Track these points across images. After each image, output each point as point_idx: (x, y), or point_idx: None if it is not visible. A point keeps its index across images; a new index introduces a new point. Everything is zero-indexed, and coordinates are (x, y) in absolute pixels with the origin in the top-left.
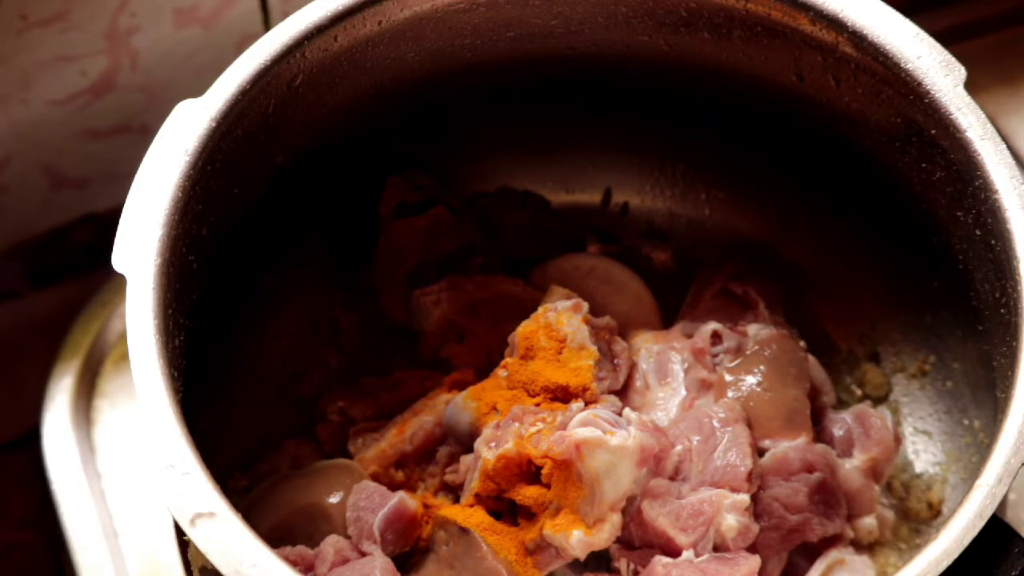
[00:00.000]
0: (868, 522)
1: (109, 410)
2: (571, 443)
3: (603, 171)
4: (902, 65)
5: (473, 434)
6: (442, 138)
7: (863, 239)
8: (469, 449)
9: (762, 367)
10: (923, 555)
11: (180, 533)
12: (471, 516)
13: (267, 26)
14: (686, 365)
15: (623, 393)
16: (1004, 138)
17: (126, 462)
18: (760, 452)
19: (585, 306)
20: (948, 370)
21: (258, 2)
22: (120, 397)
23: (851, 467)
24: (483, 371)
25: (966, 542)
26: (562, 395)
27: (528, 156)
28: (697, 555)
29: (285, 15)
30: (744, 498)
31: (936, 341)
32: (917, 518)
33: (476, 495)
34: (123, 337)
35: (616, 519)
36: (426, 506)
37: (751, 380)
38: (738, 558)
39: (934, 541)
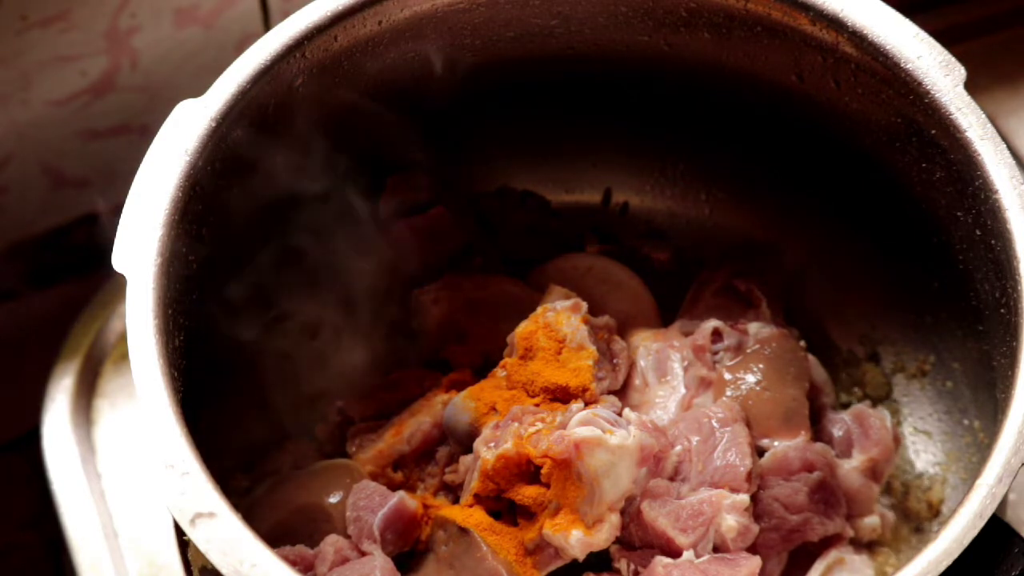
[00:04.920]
0: (871, 520)
1: (109, 410)
2: (570, 442)
3: (603, 171)
4: (902, 65)
5: (472, 434)
6: (442, 138)
7: (863, 239)
8: (468, 449)
9: (761, 366)
10: (923, 555)
11: (180, 533)
12: (471, 516)
13: (267, 26)
14: (685, 363)
15: (622, 391)
16: (1004, 138)
17: (126, 462)
18: (759, 451)
19: (584, 306)
20: (948, 370)
21: (258, 2)
22: (120, 397)
23: (850, 467)
24: (481, 371)
25: (966, 542)
26: (561, 395)
27: (528, 156)
28: (697, 555)
29: (285, 15)
30: (744, 498)
31: (936, 341)
32: (917, 518)
33: (475, 495)
34: (123, 337)
35: (615, 519)
36: (426, 506)
37: (750, 379)
38: (739, 559)
39: (934, 541)
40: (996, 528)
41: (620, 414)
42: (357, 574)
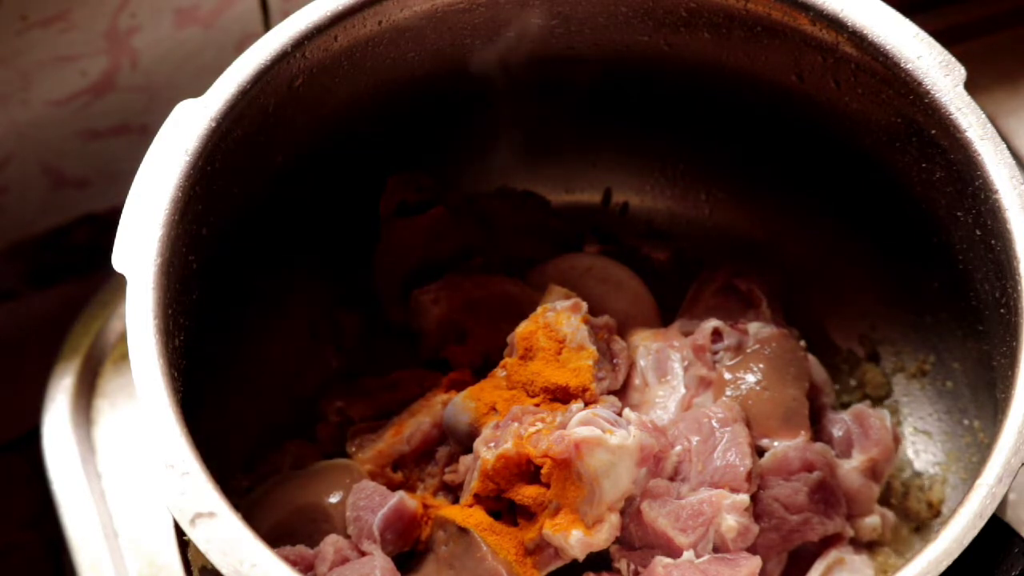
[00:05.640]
0: (871, 520)
1: (109, 410)
2: (570, 442)
3: (603, 171)
4: (902, 65)
5: (472, 434)
6: (442, 138)
7: (863, 239)
8: (468, 449)
9: (761, 365)
10: (923, 555)
11: (180, 533)
12: (470, 516)
13: (267, 26)
14: (686, 363)
15: (622, 391)
16: (1004, 138)
17: (126, 462)
18: (759, 451)
19: (584, 306)
20: (948, 370)
21: (258, 2)
22: (120, 397)
23: (850, 467)
24: (481, 371)
25: (966, 542)
26: (562, 396)
27: (528, 156)
28: (697, 555)
29: (285, 15)
30: (744, 498)
31: (936, 341)
32: (917, 518)
33: (475, 495)
34: (123, 337)
35: (615, 519)
36: (425, 506)
37: (750, 378)
38: (739, 559)
39: (934, 541)
40: (996, 528)
41: (620, 414)
42: (357, 574)
